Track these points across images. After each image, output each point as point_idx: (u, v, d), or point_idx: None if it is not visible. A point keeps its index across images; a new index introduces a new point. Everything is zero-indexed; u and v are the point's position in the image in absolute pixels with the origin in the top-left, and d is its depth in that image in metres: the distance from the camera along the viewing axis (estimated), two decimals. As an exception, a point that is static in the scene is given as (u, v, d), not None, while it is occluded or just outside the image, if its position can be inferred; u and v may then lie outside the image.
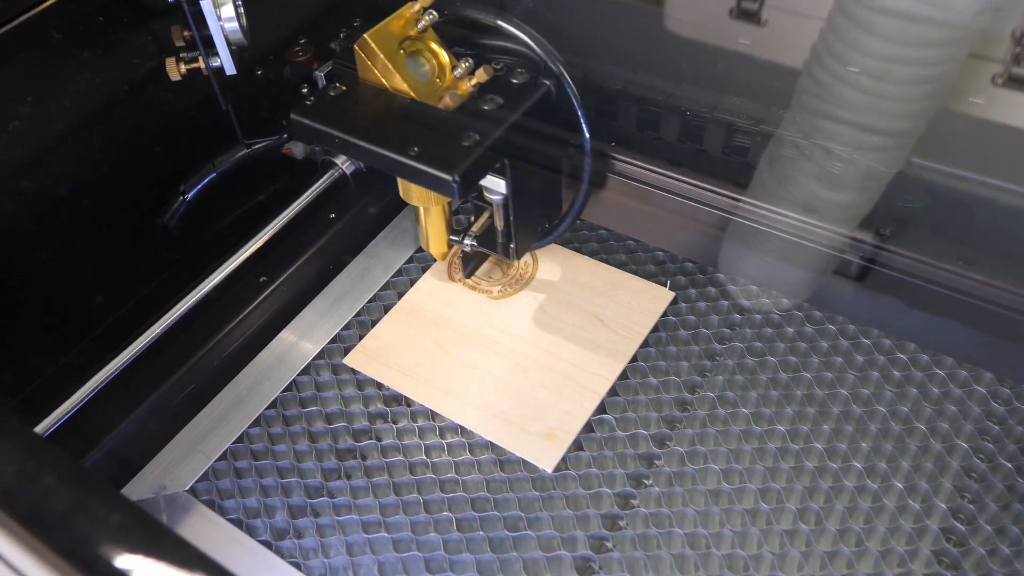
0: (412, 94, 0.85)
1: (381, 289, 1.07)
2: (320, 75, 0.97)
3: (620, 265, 1.06)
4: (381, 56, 0.84)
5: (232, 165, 1.03)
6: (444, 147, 0.81)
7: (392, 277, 1.09)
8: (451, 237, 0.99)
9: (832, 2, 0.85)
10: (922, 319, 0.92)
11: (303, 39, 1.00)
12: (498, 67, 0.88)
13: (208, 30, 0.88)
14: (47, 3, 0.87)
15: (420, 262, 1.10)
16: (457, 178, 0.79)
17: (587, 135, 0.89)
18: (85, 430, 0.89)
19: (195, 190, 1.03)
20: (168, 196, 1.03)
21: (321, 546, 0.85)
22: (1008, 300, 0.80)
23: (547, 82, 0.88)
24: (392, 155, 0.82)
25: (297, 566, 0.84)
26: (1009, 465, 0.85)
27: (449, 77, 0.87)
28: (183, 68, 0.92)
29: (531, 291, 1.04)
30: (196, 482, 0.90)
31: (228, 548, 0.85)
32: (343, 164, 1.08)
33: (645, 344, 0.98)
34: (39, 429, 0.86)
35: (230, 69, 0.91)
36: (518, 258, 0.99)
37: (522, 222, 0.94)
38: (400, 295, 1.06)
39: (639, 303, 1.02)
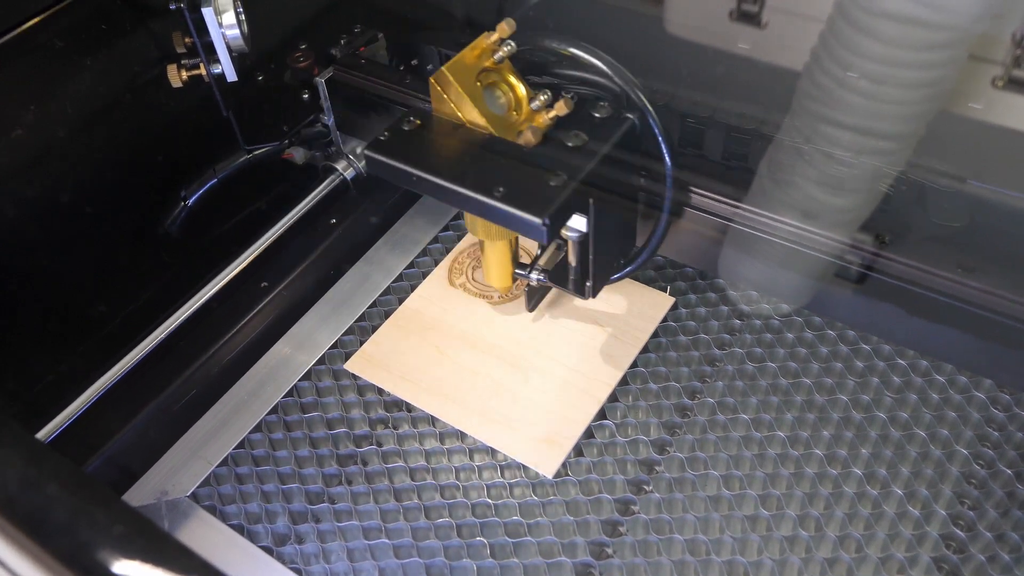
0: (489, 128, 0.81)
1: (382, 295, 1.08)
2: (321, 81, 0.97)
3: (620, 270, 1.07)
4: (458, 88, 0.80)
5: (233, 171, 1.04)
6: (530, 187, 0.77)
7: (393, 283, 1.09)
8: (516, 271, 0.95)
9: (832, 5, 0.85)
10: (921, 326, 0.92)
11: (304, 45, 1.00)
12: (570, 96, 0.84)
13: (209, 37, 0.88)
14: (50, 11, 0.88)
15: (421, 268, 1.10)
16: (547, 221, 0.75)
17: (669, 167, 0.85)
18: (86, 436, 0.89)
19: (196, 196, 1.03)
20: (169, 202, 1.03)
21: (322, 552, 0.85)
22: (1007, 308, 0.80)
23: (631, 116, 0.84)
24: (476, 196, 0.77)
25: (298, 572, 0.84)
26: (1009, 471, 0.85)
27: (526, 110, 0.83)
28: (184, 75, 0.93)
29: (531, 296, 1.05)
30: (197, 488, 0.90)
31: (229, 554, 0.86)
32: (344, 170, 1.08)
33: (645, 350, 0.98)
34: (41, 435, 0.86)
35: (231, 75, 0.92)
36: (594, 296, 0.93)
37: (599, 259, 0.89)
38: (401, 301, 1.06)
39: (639, 308, 1.02)
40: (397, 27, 1.09)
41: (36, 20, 0.87)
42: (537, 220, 0.75)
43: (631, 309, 1.02)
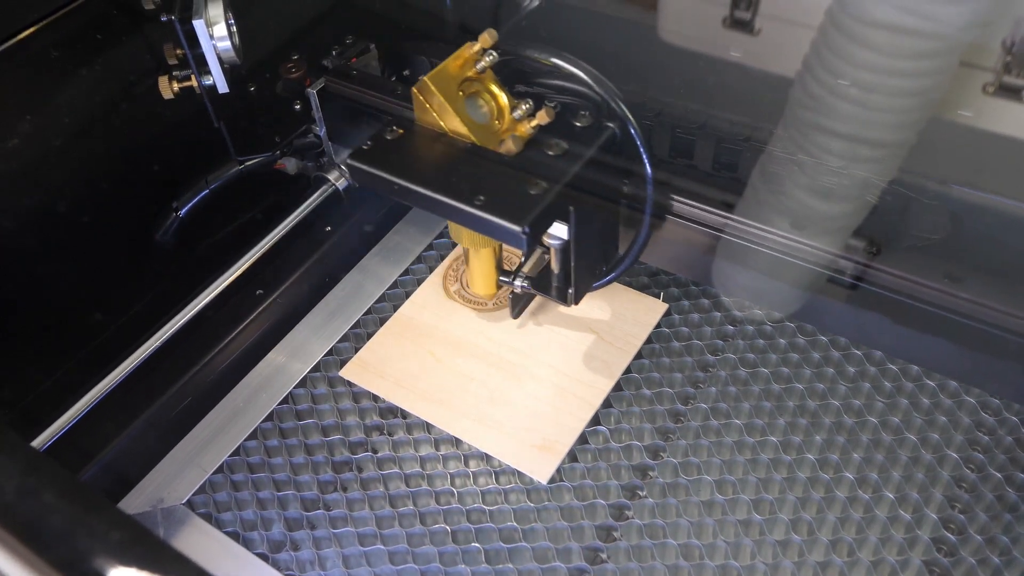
0: (471, 137, 0.82)
1: (376, 302, 1.08)
2: (313, 92, 0.97)
3: (614, 277, 1.07)
4: (440, 98, 0.80)
5: (225, 181, 1.04)
6: (511, 196, 0.78)
7: (387, 290, 1.09)
8: (501, 278, 0.96)
9: (823, 14, 0.86)
10: (910, 337, 0.93)
11: (296, 55, 1.00)
12: (553, 105, 0.84)
13: (201, 48, 0.89)
14: (44, 21, 0.88)
15: (415, 275, 1.11)
16: (527, 229, 0.75)
17: (650, 175, 0.85)
18: (82, 444, 0.89)
19: (188, 207, 1.03)
20: (161, 213, 1.03)
21: (317, 558, 0.85)
22: (994, 318, 0.81)
23: (611, 125, 0.84)
24: (457, 204, 0.78)
25: (293, 579, 0.84)
26: (999, 475, 0.86)
27: (508, 119, 0.84)
28: (176, 86, 0.93)
29: (525, 303, 1.05)
30: (193, 495, 0.91)
31: (225, 561, 0.86)
32: (336, 180, 1.09)
33: (639, 356, 0.99)
34: (36, 443, 0.86)
35: (223, 87, 0.92)
36: (576, 303, 0.93)
37: (581, 266, 0.90)
38: (395, 308, 1.07)
39: (633, 315, 1.03)
40: (390, 38, 1.10)
41: (31, 30, 0.87)
42: (517, 228, 0.76)
43: (625, 315, 1.03)
